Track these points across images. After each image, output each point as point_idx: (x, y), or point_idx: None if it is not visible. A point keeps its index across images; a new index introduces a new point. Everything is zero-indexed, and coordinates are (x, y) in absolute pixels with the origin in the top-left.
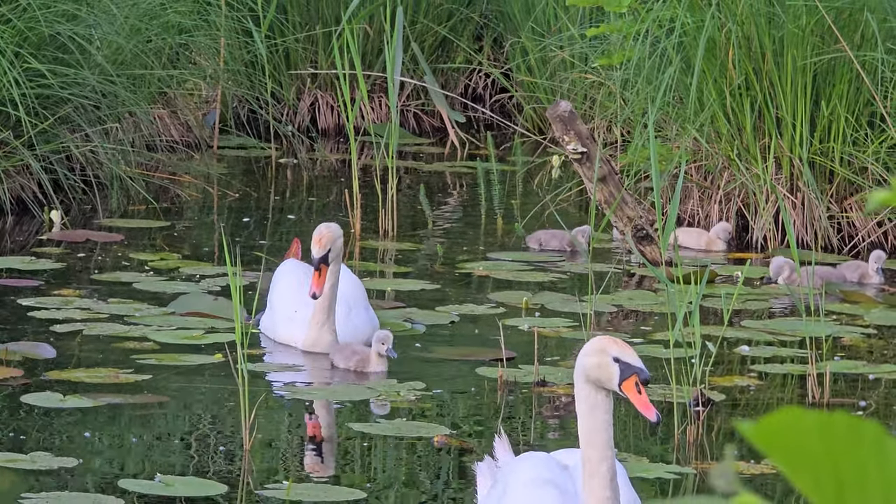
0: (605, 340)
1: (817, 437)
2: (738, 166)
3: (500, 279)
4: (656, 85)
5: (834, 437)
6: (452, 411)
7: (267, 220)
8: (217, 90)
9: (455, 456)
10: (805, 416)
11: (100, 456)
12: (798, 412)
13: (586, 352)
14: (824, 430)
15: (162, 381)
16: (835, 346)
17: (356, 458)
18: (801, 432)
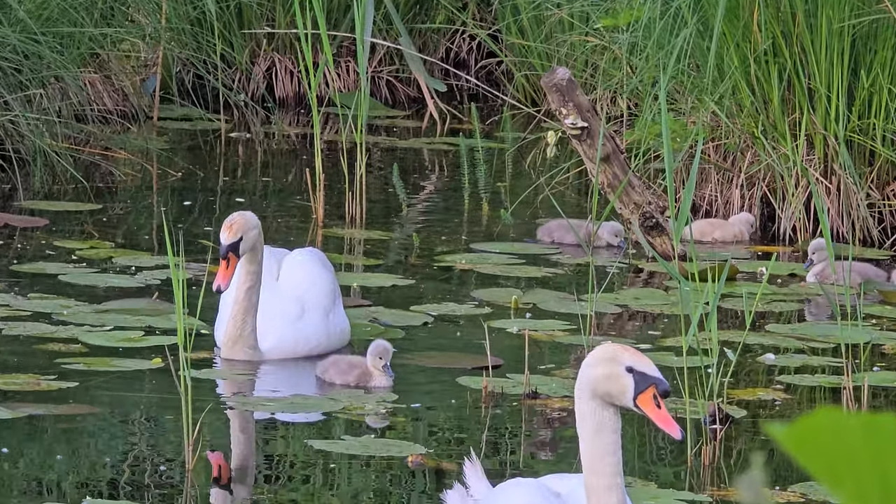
0: (615, 348)
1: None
2: (763, 145)
3: (485, 274)
4: (669, 50)
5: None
6: (429, 427)
7: (215, 203)
8: (158, 52)
9: (431, 478)
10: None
11: (18, 476)
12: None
13: (593, 361)
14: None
15: (92, 390)
16: (874, 355)
17: (317, 482)
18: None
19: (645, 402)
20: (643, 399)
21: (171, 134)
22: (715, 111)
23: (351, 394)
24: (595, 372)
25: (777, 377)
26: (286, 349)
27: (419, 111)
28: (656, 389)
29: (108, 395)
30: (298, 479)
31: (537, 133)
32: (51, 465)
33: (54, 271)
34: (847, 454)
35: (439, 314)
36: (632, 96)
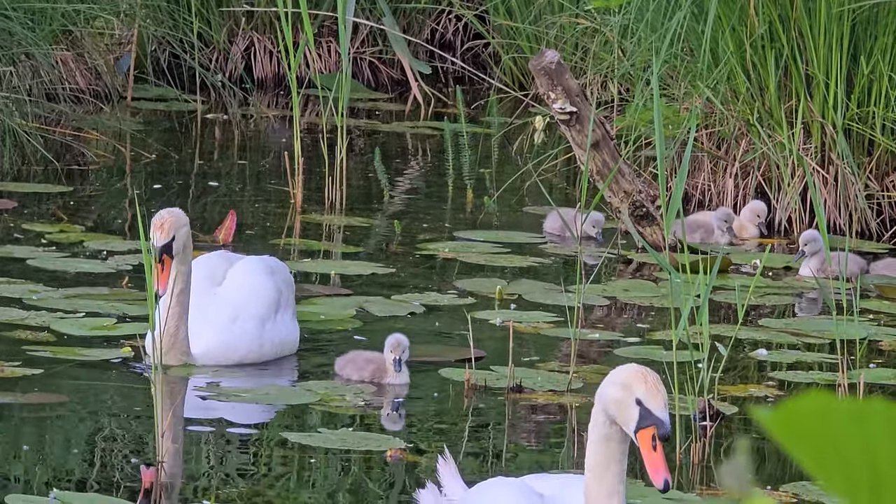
0: (635, 375)
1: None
2: (758, 133)
3: (468, 263)
4: (662, 33)
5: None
6: (409, 421)
7: (190, 187)
8: (133, 30)
9: (411, 473)
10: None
11: None
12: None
13: (612, 380)
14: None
15: (59, 378)
16: (871, 352)
17: (292, 476)
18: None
19: (642, 439)
20: (642, 435)
21: (146, 115)
22: (709, 97)
23: (328, 385)
24: (610, 392)
25: (770, 373)
26: (215, 356)
27: (402, 94)
28: (656, 431)
29: (76, 385)
30: (273, 471)
31: (524, 118)
32: (16, 456)
33: (23, 255)
34: (835, 440)
35: (421, 304)
36: (623, 81)
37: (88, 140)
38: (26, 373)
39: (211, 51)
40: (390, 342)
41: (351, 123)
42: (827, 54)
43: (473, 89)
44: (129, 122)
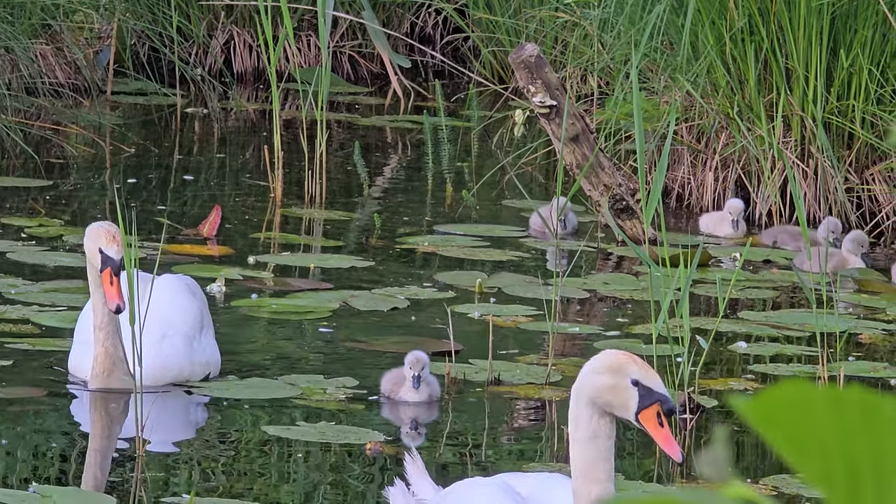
0: (622, 357)
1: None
2: (738, 126)
3: (448, 257)
4: (641, 27)
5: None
6: (388, 413)
7: (169, 180)
8: (112, 24)
9: (391, 466)
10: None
11: None
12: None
13: (597, 368)
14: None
15: (35, 372)
16: (850, 344)
17: (271, 469)
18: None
19: (647, 419)
20: (646, 415)
21: (125, 109)
22: (689, 91)
23: (310, 379)
24: (599, 380)
25: (750, 366)
26: (151, 376)
27: (382, 88)
28: (661, 407)
29: (54, 378)
30: (252, 464)
31: (504, 111)
32: None
33: (2, 249)
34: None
35: (405, 297)
36: (602, 74)
37: (68, 134)
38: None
39: (190, 45)
40: (410, 359)
41: (331, 117)
42: (807, 48)
43: (453, 83)
44: (109, 116)
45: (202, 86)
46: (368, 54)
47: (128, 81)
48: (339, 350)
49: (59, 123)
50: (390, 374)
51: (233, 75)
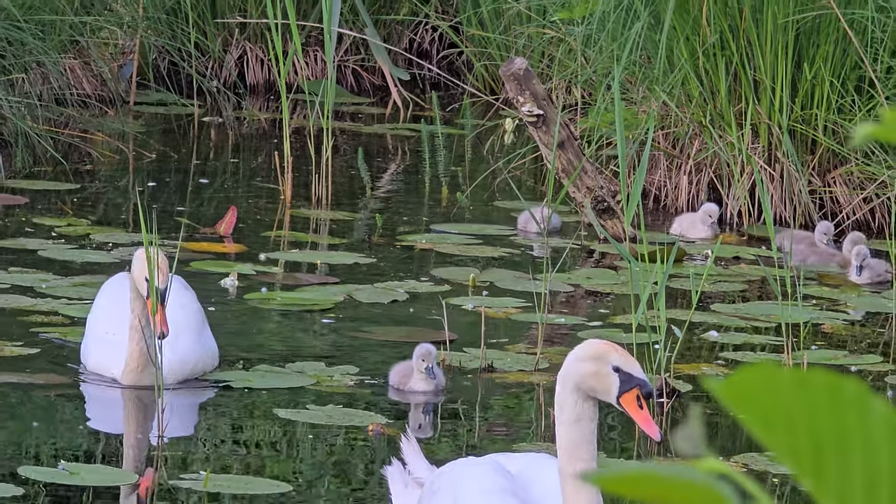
0: (604, 346)
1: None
2: (710, 134)
3: (444, 253)
4: (622, 42)
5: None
6: (389, 397)
7: (187, 184)
8: (135, 40)
9: (392, 446)
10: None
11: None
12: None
13: (581, 356)
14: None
15: (63, 360)
16: (814, 334)
17: (282, 448)
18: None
19: (628, 402)
20: (626, 399)
21: (147, 118)
22: (665, 101)
23: (316, 366)
24: (583, 367)
25: (720, 353)
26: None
27: (383, 98)
28: (640, 391)
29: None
30: (264, 444)
31: (495, 120)
32: (28, 431)
33: (34, 247)
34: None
35: (404, 291)
36: (586, 86)
37: (94, 141)
38: (29, 353)
39: (207, 59)
40: (420, 352)
41: (336, 126)
42: (773, 61)
43: (448, 94)
44: (132, 125)
45: (218, 97)
46: (370, 68)
47: (149, 93)
48: (344, 339)
49: (86, 131)
50: (398, 366)
51: (246, 87)
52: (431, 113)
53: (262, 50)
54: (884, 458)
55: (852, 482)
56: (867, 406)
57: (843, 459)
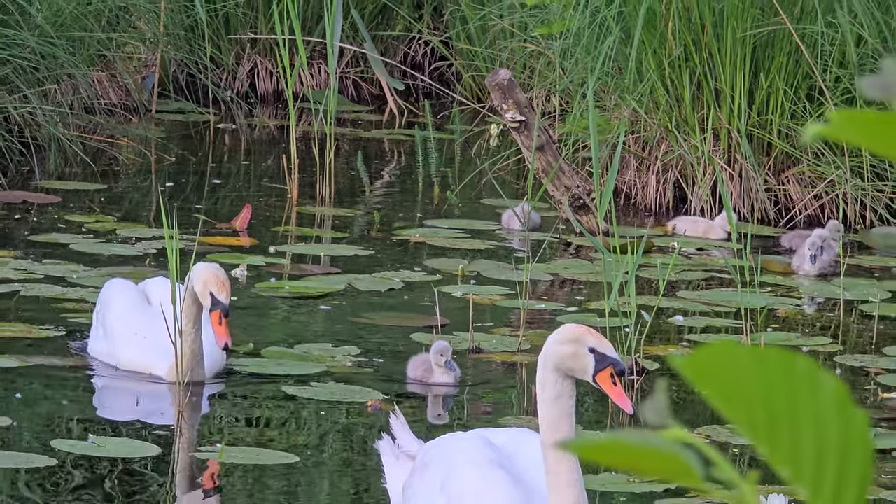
0: (579, 330)
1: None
2: (676, 137)
3: (435, 246)
4: (595, 55)
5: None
6: (386, 376)
7: (204, 184)
8: (156, 54)
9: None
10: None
11: (32, 416)
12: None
13: (559, 339)
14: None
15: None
16: (769, 318)
17: (290, 422)
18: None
19: (603, 380)
20: (601, 377)
21: (167, 124)
22: (635, 108)
23: (321, 347)
24: (562, 350)
25: (685, 336)
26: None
27: (381, 107)
28: (613, 369)
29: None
30: (273, 418)
31: (482, 126)
32: (59, 408)
33: (65, 241)
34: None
35: (400, 280)
36: (563, 94)
37: (119, 146)
38: (53, 335)
39: (221, 71)
40: (438, 348)
41: (338, 131)
42: (732, 72)
43: (439, 102)
44: (154, 131)
45: (231, 105)
46: (369, 79)
47: (169, 102)
48: (345, 323)
49: (112, 137)
50: (415, 360)
51: (256, 97)
52: (424, 119)
53: (272, 63)
54: (832, 427)
55: (804, 449)
56: (817, 381)
57: (795, 429)
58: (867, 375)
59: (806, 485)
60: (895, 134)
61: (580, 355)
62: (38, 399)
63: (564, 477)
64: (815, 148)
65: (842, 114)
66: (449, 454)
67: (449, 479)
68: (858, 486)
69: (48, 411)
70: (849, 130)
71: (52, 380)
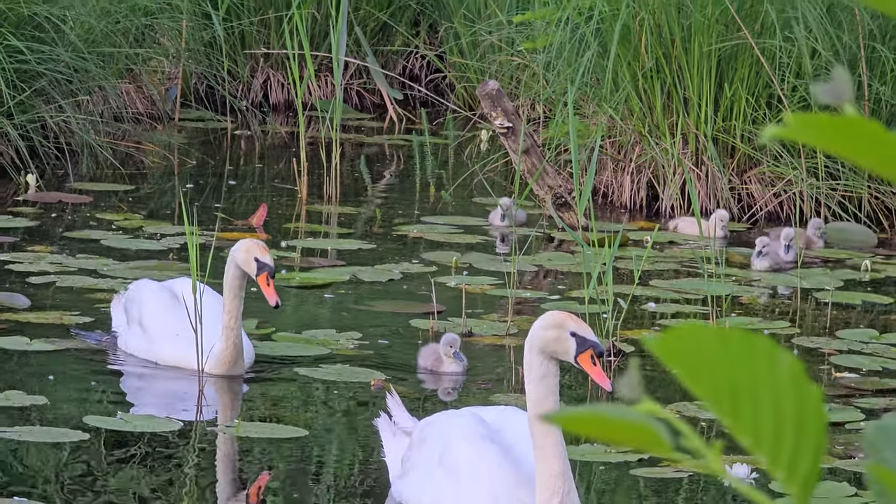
0: (562, 316)
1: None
2: (648, 141)
3: (431, 240)
4: (575, 67)
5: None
6: (388, 358)
7: (222, 185)
8: (179, 67)
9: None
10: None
11: (65, 395)
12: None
13: (544, 325)
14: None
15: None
16: (733, 304)
17: (299, 400)
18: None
19: (584, 360)
20: (582, 358)
21: (189, 131)
22: (611, 115)
23: (326, 333)
24: (546, 334)
25: (657, 321)
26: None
27: (381, 114)
28: (593, 351)
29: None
30: (284, 397)
31: (473, 132)
32: (90, 388)
33: (97, 237)
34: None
35: (399, 272)
36: (546, 103)
37: (145, 151)
38: (82, 320)
39: (237, 83)
40: (447, 340)
41: (343, 137)
42: (699, 82)
43: (435, 110)
44: (176, 137)
45: (246, 114)
46: (371, 89)
47: (190, 111)
48: (349, 310)
49: (139, 143)
50: (426, 350)
51: (269, 106)
52: (421, 126)
53: (283, 75)
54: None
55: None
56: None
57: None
58: (822, 356)
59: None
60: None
61: (563, 339)
62: (70, 380)
63: (550, 449)
64: (775, 150)
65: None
66: (445, 430)
67: (446, 453)
68: (813, 454)
69: (80, 390)
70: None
71: (82, 363)
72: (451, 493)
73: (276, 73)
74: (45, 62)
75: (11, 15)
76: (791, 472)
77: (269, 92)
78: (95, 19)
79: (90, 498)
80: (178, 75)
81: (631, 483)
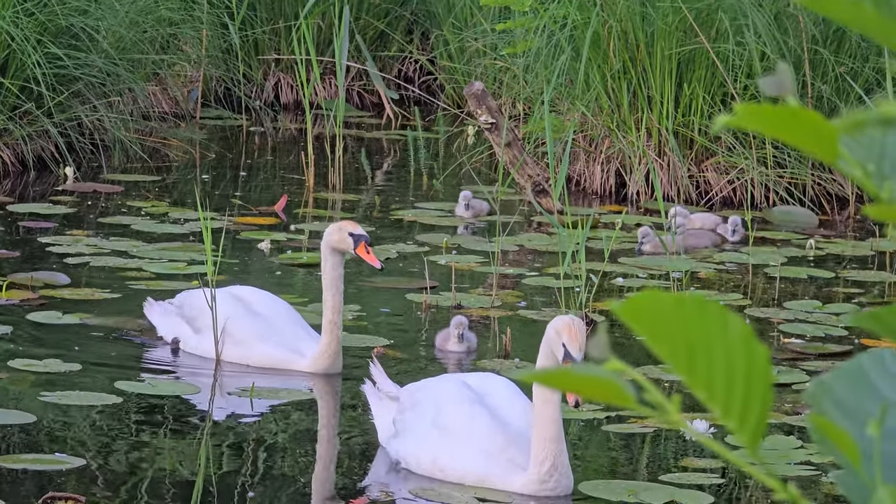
0: (564, 325)
1: (673, 313)
2: (616, 135)
3: (425, 224)
4: (551, 69)
5: (686, 312)
6: (388, 327)
7: (238, 176)
8: (199, 72)
9: (391, 364)
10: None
11: (98, 362)
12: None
13: (553, 326)
14: (679, 307)
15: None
16: (692, 280)
17: None
18: (660, 309)
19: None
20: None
21: (209, 129)
22: (583, 111)
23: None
24: (550, 335)
25: (625, 294)
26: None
27: (380, 112)
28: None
29: None
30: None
31: (461, 127)
32: (120, 356)
33: (127, 222)
34: (663, 323)
35: (396, 252)
36: (526, 101)
37: (170, 145)
38: (111, 297)
39: (252, 85)
40: (456, 322)
41: (345, 133)
42: (661, 82)
43: (427, 109)
44: (198, 134)
45: (260, 113)
46: (370, 90)
47: (210, 110)
48: (350, 286)
49: (164, 138)
50: (442, 333)
51: (280, 105)
52: (414, 122)
53: (292, 78)
54: (739, 358)
55: (716, 376)
56: (727, 320)
57: (709, 360)
58: (771, 325)
59: (718, 405)
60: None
61: (557, 343)
62: (102, 349)
63: (549, 415)
64: (728, 142)
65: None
66: (436, 393)
67: (439, 415)
68: (760, 407)
69: (112, 357)
70: (749, 119)
71: (116, 333)
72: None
73: (286, 76)
74: (80, 67)
75: (51, 26)
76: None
77: (279, 93)
78: (125, 29)
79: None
80: (199, 78)
81: (602, 437)
